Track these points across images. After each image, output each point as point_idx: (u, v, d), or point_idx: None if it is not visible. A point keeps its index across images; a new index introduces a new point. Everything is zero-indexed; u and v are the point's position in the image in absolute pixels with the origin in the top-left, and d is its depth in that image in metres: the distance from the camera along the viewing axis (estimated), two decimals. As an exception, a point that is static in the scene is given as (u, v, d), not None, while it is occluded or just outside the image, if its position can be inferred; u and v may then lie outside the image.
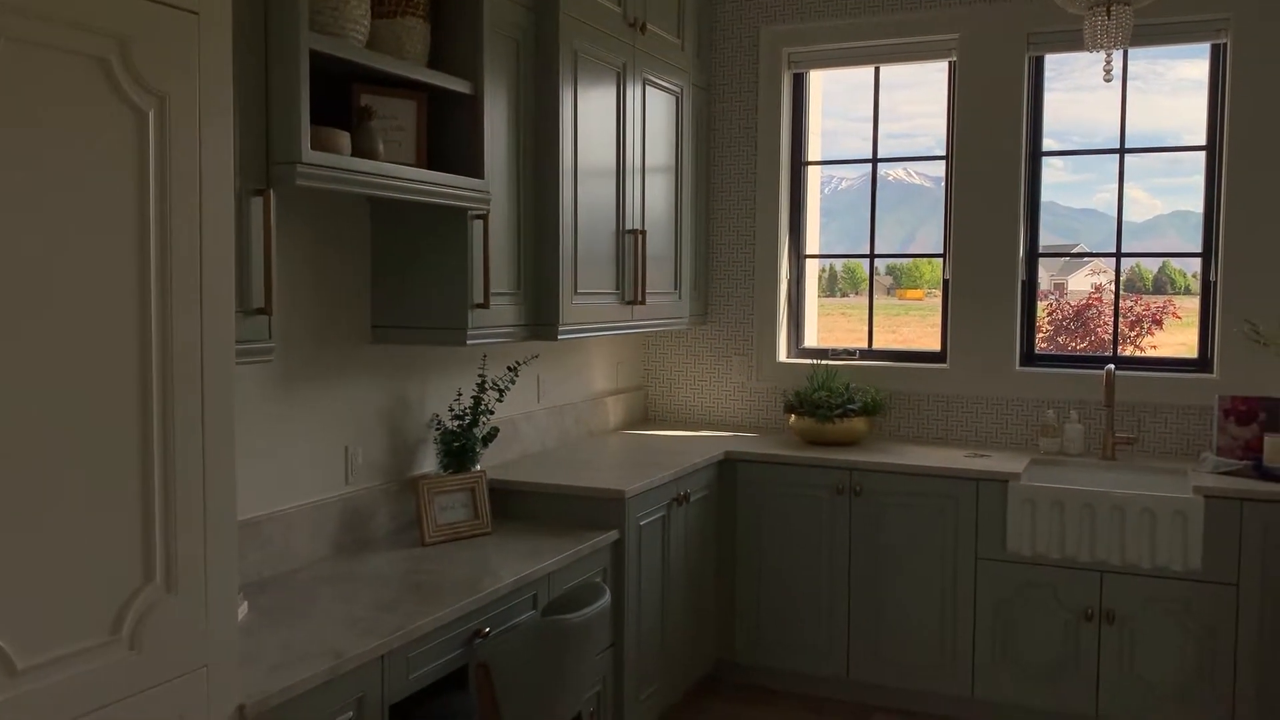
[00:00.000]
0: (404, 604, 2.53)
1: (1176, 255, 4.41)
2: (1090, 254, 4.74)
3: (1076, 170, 4.31)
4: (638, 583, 3.48)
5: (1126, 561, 3.61)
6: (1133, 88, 4.19)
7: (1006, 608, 3.79)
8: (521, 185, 3.30)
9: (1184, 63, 4.26)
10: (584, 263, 3.57)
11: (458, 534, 3.14)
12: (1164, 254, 4.55)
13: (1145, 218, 4.25)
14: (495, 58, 3.05)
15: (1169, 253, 4.49)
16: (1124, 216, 4.26)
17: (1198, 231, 4.20)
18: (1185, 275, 4.67)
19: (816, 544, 4.05)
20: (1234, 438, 3.86)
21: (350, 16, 2.50)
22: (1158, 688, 3.61)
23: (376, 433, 3.21)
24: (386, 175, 2.58)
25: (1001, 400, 4.36)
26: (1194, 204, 4.19)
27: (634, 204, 3.91)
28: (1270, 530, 3.46)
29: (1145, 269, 4.93)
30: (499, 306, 3.18)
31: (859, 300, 5.13)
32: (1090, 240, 4.51)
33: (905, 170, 4.66)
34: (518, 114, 3.25)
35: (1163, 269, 5.89)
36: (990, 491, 3.78)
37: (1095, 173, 4.29)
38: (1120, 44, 3.00)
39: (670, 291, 4.29)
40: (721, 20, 4.73)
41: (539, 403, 4.10)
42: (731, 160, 4.75)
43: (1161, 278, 6.05)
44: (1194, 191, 4.18)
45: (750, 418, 4.79)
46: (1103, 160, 4.36)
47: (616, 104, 3.76)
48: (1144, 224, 4.30)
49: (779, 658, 4.15)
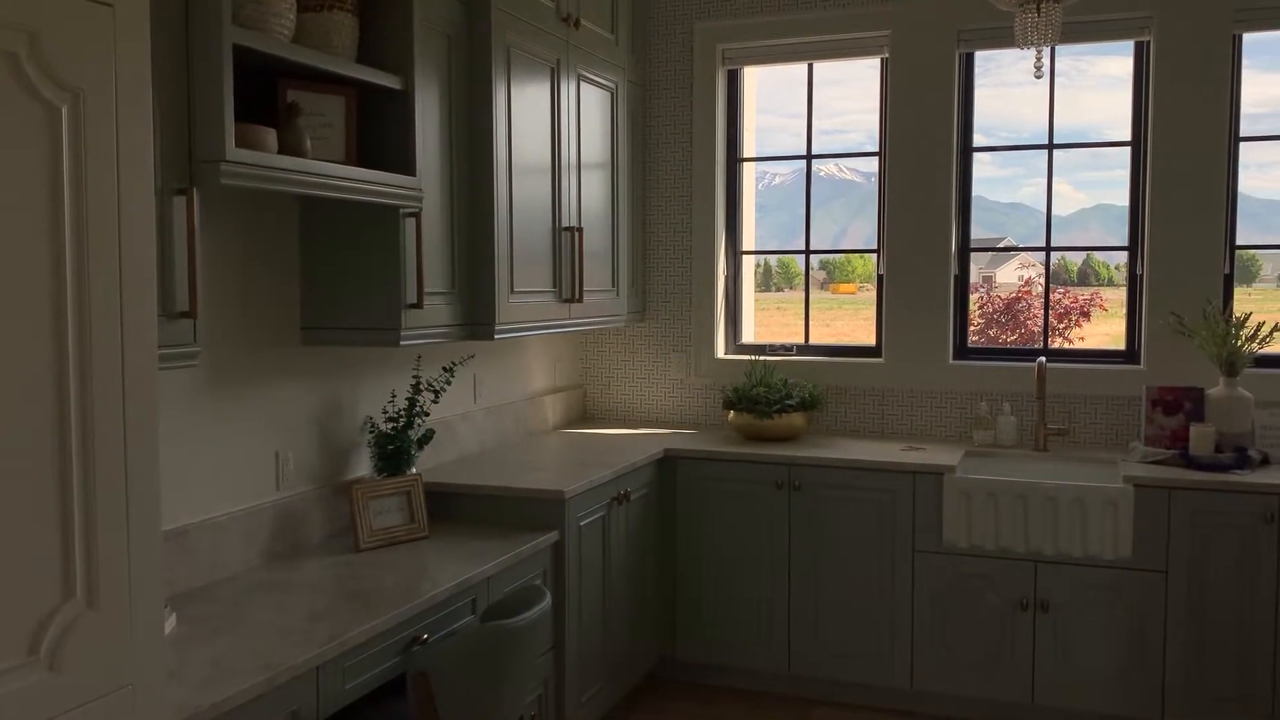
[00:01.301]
0: (339, 612, 2.47)
1: (1104, 249, 4.50)
2: (1020, 248, 4.82)
3: (1003, 165, 4.38)
4: (578, 584, 3.45)
5: (1059, 551, 3.67)
6: (1058, 84, 4.26)
7: (943, 599, 3.83)
8: (455, 182, 3.25)
9: (1106, 59, 4.35)
10: (520, 261, 3.53)
11: (394, 539, 3.08)
12: (1092, 248, 4.63)
13: (1069, 211, 4.34)
14: (426, 53, 2.99)
15: (1097, 246, 4.58)
16: (1053, 211, 4.34)
17: (1120, 224, 4.29)
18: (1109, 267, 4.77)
19: (757, 540, 4.06)
20: (1161, 427, 3.95)
21: (275, 10, 2.43)
22: (1090, 674, 3.67)
23: (308, 437, 3.13)
24: (314, 173, 2.52)
25: (936, 393, 4.41)
26: (1116, 198, 4.28)
27: (570, 201, 3.87)
28: (1197, 517, 3.54)
29: (1070, 261, 5.02)
30: (433, 306, 3.13)
31: (794, 295, 5.15)
32: (1017, 234, 4.58)
33: (837, 166, 4.69)
34: (450, 110, 3.20)
35: (1087, 261, 6.00)
36: (926, 484, 3.82)
37: (1022, 168, 4.37)
38: (1050, 40, 3.04)
39: (608, 289, 4.26)
40: (656, 16, 4.71)
41: (476, 403, 4.05)
42: (668, 157, 4.74)
43: (1086, 270, 6.16)
44: (1116, 185, 4.27)
45: (689, 414, 4.78)
46: (1028, 155, 4.43)
47: (551, 100, 3.72)
48: (1068, 217, 4.38)
49: (721, 654, 4.15)
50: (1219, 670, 3.54)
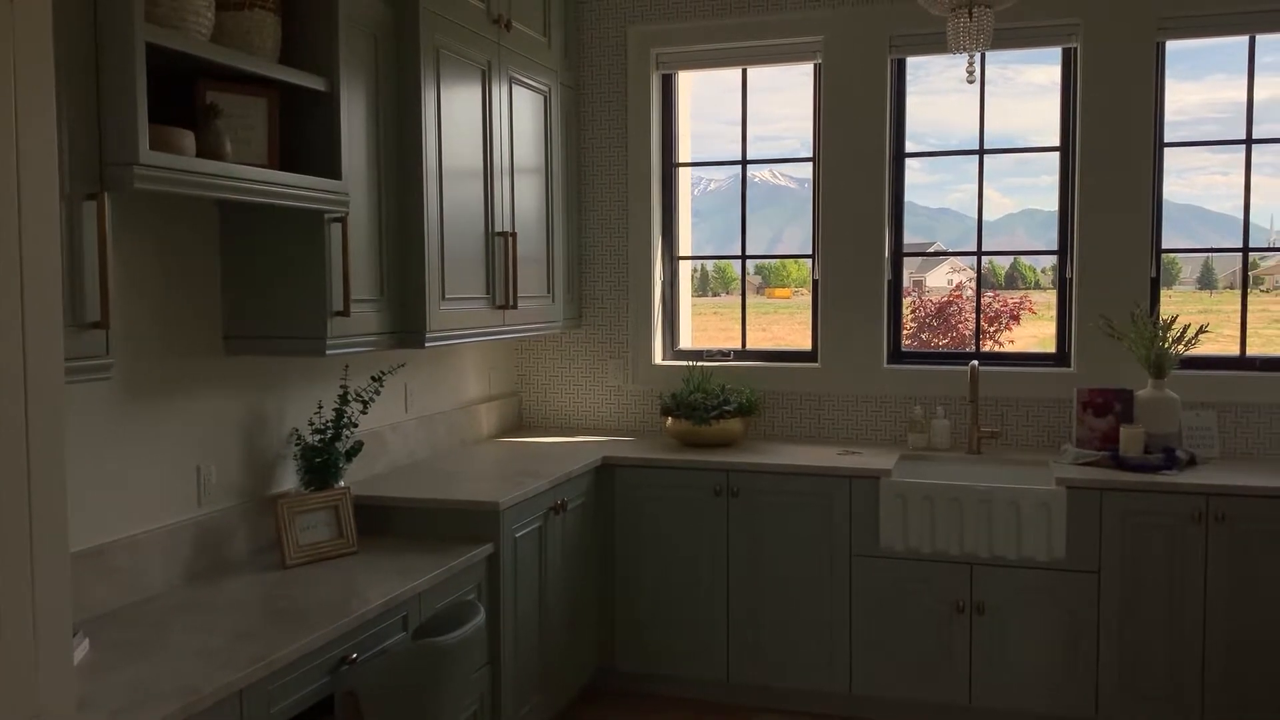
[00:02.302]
0: (264, 632, 2.38)
1: (1035, 253, 4.56)
2: (952, 253, 4.86)
3: (931, 171, 4.43)
4: (514, 597, 3.39)
5: (994, 553, 3.69)
6: (986, 91, 4.32)
7: (881, 603, 3.84)
8: (383, 186, 3.17)
9: (1032, 68, 4.42)
10: (452, 266, 3.45)
11: (321, 554, 2.99)
12: (1023, 252, 4.69)
13: (996, 216, 4.42)
14: (352, 54, 2.91)
15: (1028, 250, 4.63)
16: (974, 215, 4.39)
17: (1045, 229, 4.35)
18: (1035, 270, 4.85)
19: (695, 547, 4.02)
20: (1092, 429, 4.00)
21: (192, 8, 2.34)
22: (1026, 675, 3.70)
23: (231, 450, 3.03)
24: (234, 177, 2.43)
25: (871, 398, 4.42)
26: (1041, 202, 4.36)
27: (503, 205, 3.81)
28: (1128, 518, 3.58)
29: (998, 265, 5.09)
30: (361, 314, 3.04)
31: (731, 299, 5.16)
32: (946, 238, 4.64)
33: (772, 172, 4.70)
34: (378, 112, 3.12)
35: (1014, 265, 6.09)
36: (863, 489, 3.82)
37: (950, 173, 4.44)
38: (982, 46, 3.06)
39: (543, 295, 4.20)
40: (588, 19, 4.66)
41: (407, 412, 3.96)
42: (602, 161, 4.70)
43: (1013, 273, 6.25)
44: (1041, 190, 4.34)
45: (627, 421, 4.74)
46: (956, 161, 4.48)
47: (482, 102, 3.65)
48: (996, 222, 4.45)
49: (660, 663, 4.11)
50: (1150, 668, 3.59)
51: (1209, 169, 4.17)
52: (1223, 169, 4.20)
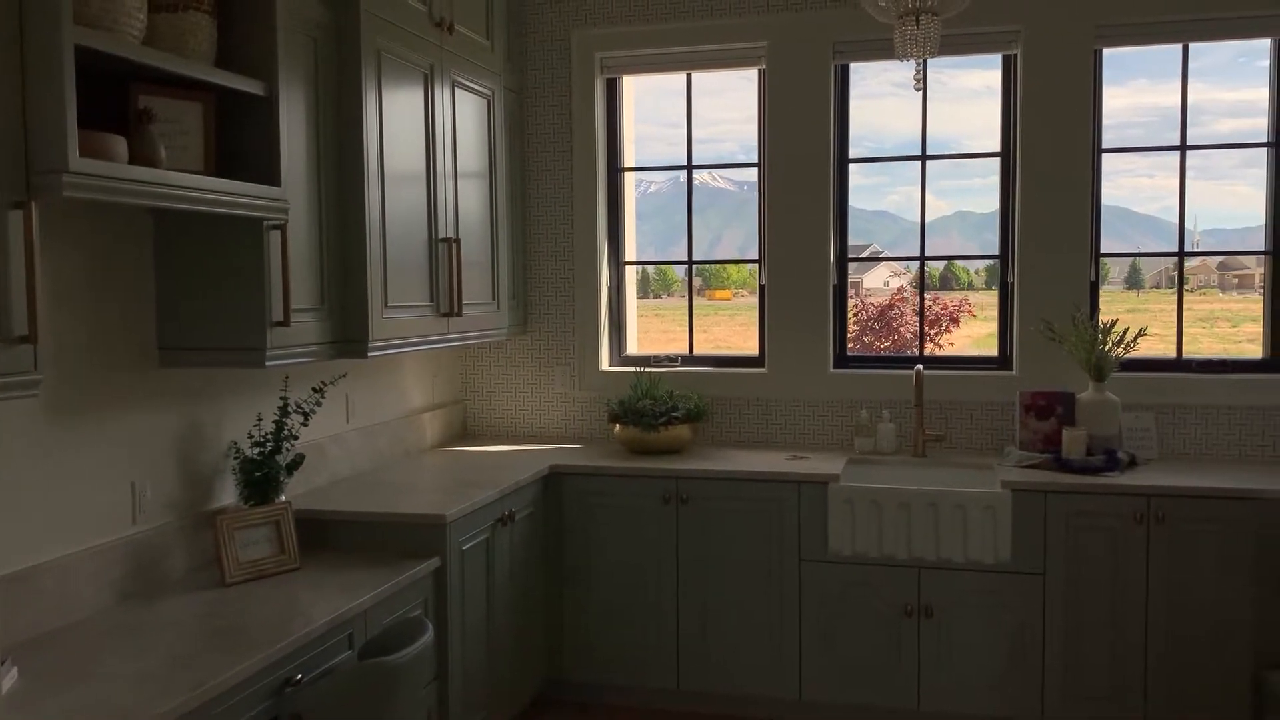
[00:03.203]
0: (204, 655, 2.30)
1: (978, 258, 4.59)
2: (897, 257, 4.90)
3: (868, 174, 4.46)
4: (461, 610, 3.32)
5: (941, 557, 3.71)
6: (917, 95, 4.37)
7: (830, 608, 3.84)
8: (324, 193, 3.09)
9: (965, 73, 4.47)
10: (395, 274, 3.38)
11: (262, 572, 2.90)
12: (967, 256, 4.73)
13: (931, 218, 4.44)
14: (291, 57, 2.83)
15: (971, 255, 4.67)
16: (911, 218, 4.44)
17: (978, 231, 4.41)
18: (969, 272, 4.92)
19: (644, 555, 3.99)
20: (1035, 431, 4.04)
21: (124, 10, 2.25)
22: (973, 677, 3.73)
23: (167, 465, 2.93)
24: (169, 184, 2.34)
25: (818, 402, 4.43)
26: (975, 204, 4.42)
27: (447, 211, 3.74)
28: (1071, 519, 3.63)
29: (932, 267, 5.14)
30: (301, 324, 2.96)
31: (671, 301, 5.15)
32: (882, 240, 4.68)
33: (710, 174, 4.69)
34: (317, 117, 3.04)
35: (948, 267, 6.17)
36: (811, 494, 3.82)
37: (886, 176, 4.48)
38: (929, 53, 3.07)
39: (488, 302, 4.14)
40: (532, 23, 4.61)
41: (348, 423, 3.88)
42: (547, 166, 4.65)
43: (947, 274, 6.33)
44: (975, 193, 4.41)
45: (574, 429, 4.70)
46: (892, 165, 4.51)
47: (425, 106, 3.58)
48: (930, 224, 4.48)
49: (609, 673, 4.07)
50: (1094, 668, 3.64)
51: (1135, 171, 4.26)
52: (1149, 171, 4.29)
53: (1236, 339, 4.43)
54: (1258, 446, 4.03)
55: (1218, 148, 4.22)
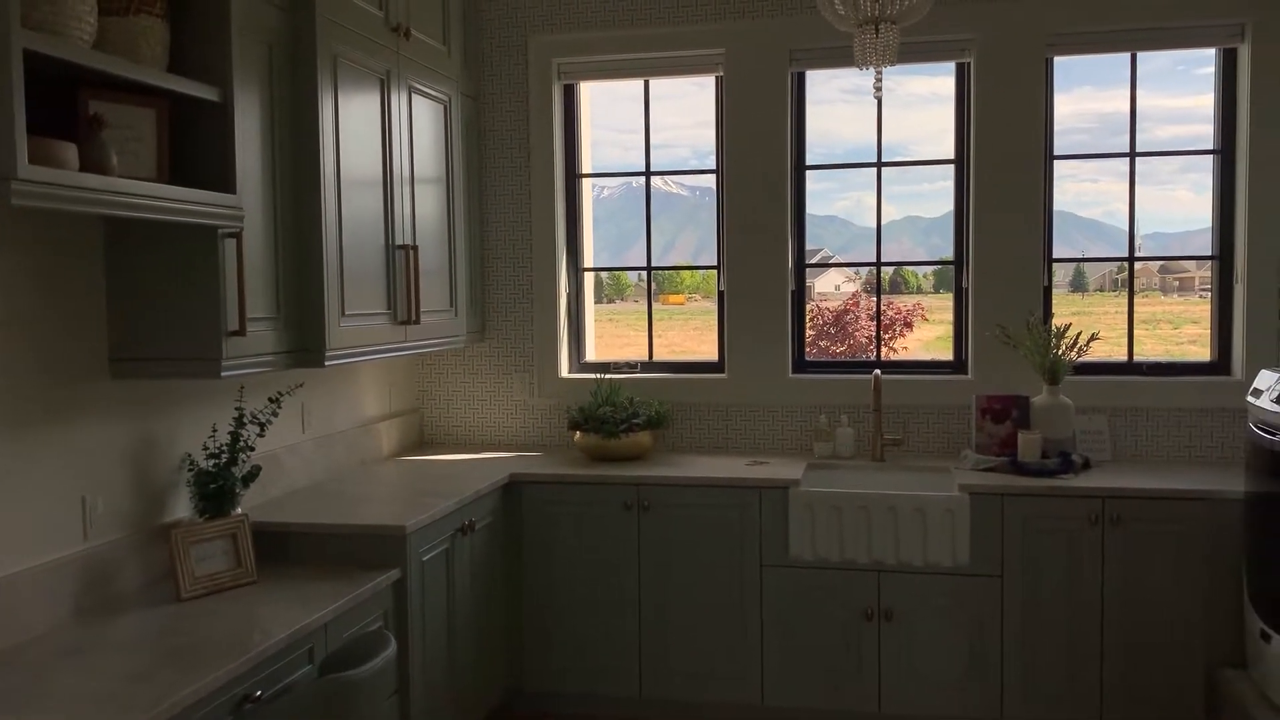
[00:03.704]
0: (160, 672, 2.25)
1: (933, 263, 4.64)
2: (855, 263, 4.93)
3: (817, 180, 4.50)
4: (422, 622, 3.29)
5: (901, 560, 3.74)
6: (868, 101, 4.42)
7: (791, 613, 3.85)
8: (279, 200, 3.04)
9: (913, 79, 4.52)
10: (351, 282, 3.34)
11: (219, 586, 2.85)
12: (923, 262, 4.77)
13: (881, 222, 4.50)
14: (246, 62, 2.79)
15: (928, 261, 4.72)
16: (861, 222, 4.49)
17: (927, 236, 4.46)
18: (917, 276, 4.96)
19: (606, 563, 3.98)
20: (991, 435, 4.09)
21: (73, 13, 2.20)
22: (934, 680, 3.76)
23: (119, 478, 2.87)
24: (121, 192, 2.29)
25: (777, 407, 4.45)
26: (924, 209, 4.47)
27: (404, 218, 3.70)
28: (1028, 522, 3.67)
29: (883, 272, 5.17)
30: (257, 333, 2.91)
31: (625, 306, 5.15)
32: (833, 245, 4.72)
33: (663, 180, 4.70)
34: (273, 123, 2.99)
35: (897, 271, 6.23)
36: (772, 499, 3.83)
37: (836, 182, 4.53)
38: (889, 61, 3.09)
39: (446, 309, 4.10)
40: (489, 28, 4.59)
41: (304, 433, 3.82)
42: (504, 172, 4.62)
43: (897, 279, 6.39)
44: (924, 198, 4.47)
45: (533, 436, 4.67)
46: (842, 170, 4.54)
47: (381, 112, 3.54)
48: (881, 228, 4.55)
49: (571, 682, 4.05)
50: (1051, 668, 3.68)
51: (1078, 177, 4.33)
52: (1092, 176, 4.36)
53: (1178, 340, 4.52)
54: (1207, 447, 4.11)
55: (1167, 154, 4.31)
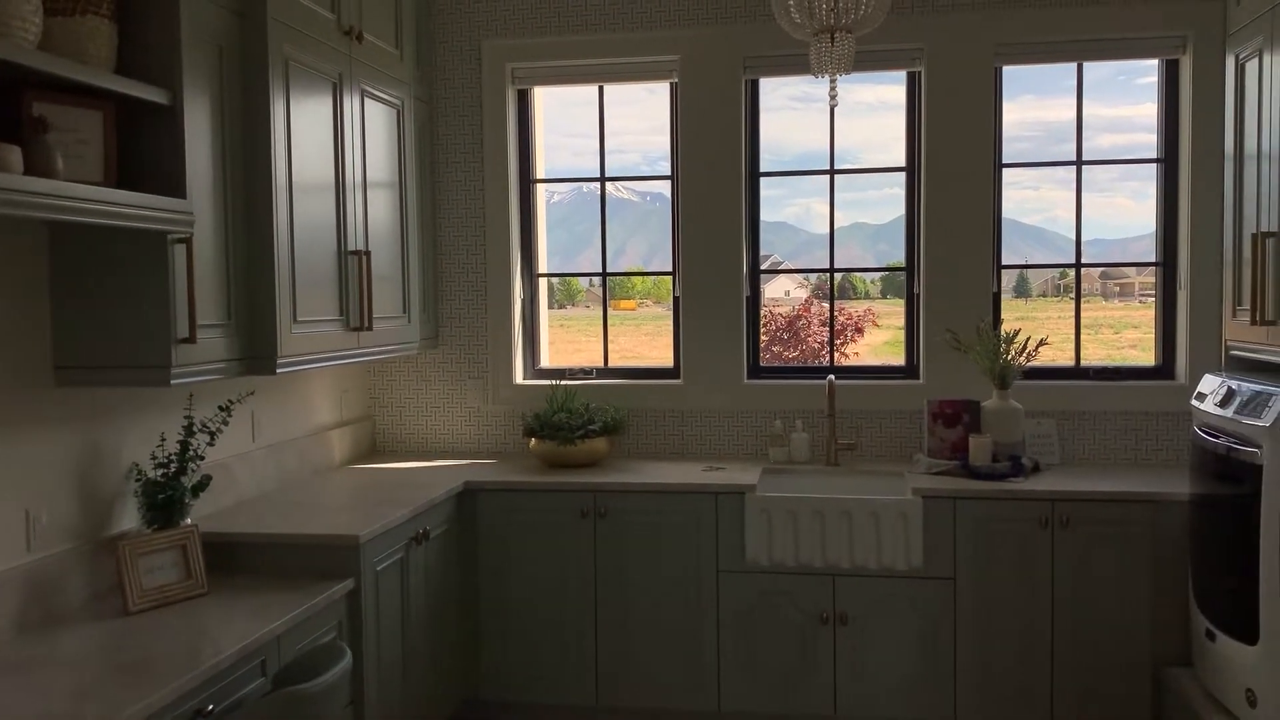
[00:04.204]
0: (108, 689, 2.19)
1: (886, 269, 4.69)
2: (808, 269, 4.97)
3: (768, 186, 4.54)
4: (377, 633, 3.24)
5: (856, 564, 3.76)
6: (815, 109, 4.47)
7: (747, 618, 3.86)
8: (230, 204, 2.99)
9: (861, 87, 4.57)
10: (303, 287, 3.29)
11: (168, 598, 2.79)
12: (875, 269, 4.82)
13: (826, 230, 4.54)
14: (196, 65, 2.74)
15: (879, 267, 4.76)
16: (810, 229, 4.52)
17: (874, 242, 4.52)
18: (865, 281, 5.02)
19: (562, 570, 3.96)
20: (942, 439, 4.13)
21: (16, 13, 2.15)
22: (888, 682, 3.79)
23: (64, 489, 2.80)
24: (67, 196, 2.23)
25: (732, 413, 4.46)
26: (870, 217, 4.53)
27: (356, 223, 3.66)
28: (980, 525, 3.71)
29: (826, 278, 5.23)
30: (207, 340, 2.85)
31: (577, 312, 5.15)
32: (782, 251, 4.76)
33: (614, 185, 4.70)
34: (223, 127, 2.94)
35: (845, 277, 6.30)
36: (729, 504, 3.84)
37: (785, 188, 4.56)
38: (844, 70, 3.12)
39: (399, 315, 4.06)
40: (442, 32, 4.56)
41: (255, 441, 3.76)
42: (458, 177, 4.59)
43: (845, 284, 6.47)
44: (871, 205, 4.53)
45: (488, 443, 4.64)
46: (792, 177, 4.57)
47: (334, 116, 3.50)
48: (825, 235, 4.59)
49: (527, 691, 4.02)
50: (1003, 669, 3.73)
51: (1021, 184, 4.41)
52: (1034, 184, 4.44)
53: (1119, 345, 4.62)
54: (1152, 450, 4.19)
55: (1112, 163, 4.39)
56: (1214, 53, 4.00)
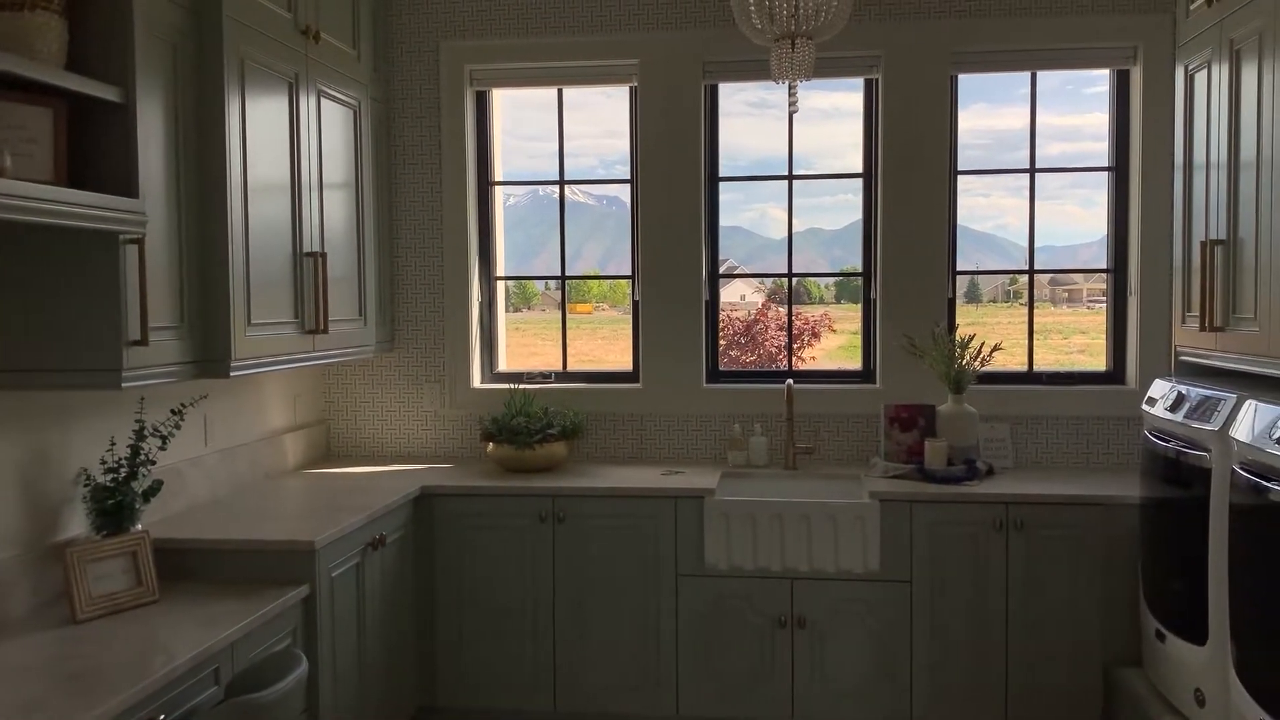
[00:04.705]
0: (55, 700, 2.14)
1: (842, 275, 4.73)
2: (765, 274, 4.98)
3: (723, 191, 4.55)
4: (332, 640, 3.20)
5: (814, 567, 3.78)
6: (770, 115, 4.49)
7: (706, 622, 3.86)
8: (183, 205, 2.94)
9: (815, 94, 4.60)
10: (258, 290, 3.24)
11: (118, 606, 2.73)
12: (831, 274, 4.86)
13: (782, 235, 4.58)
14: (149, 63, 2.69)
15: (837, 272, 4.80)
16: (765, 234, 4.55)
17: (829, 248, 4.56)
18: (820, 286, 5.05)
19: (520, 576, 3.94)
20: (899, 443, 4.17)
21: (-39, 6, 2.09)
22: (846, 686, 3.81)
23: (9, 495, 2.73)
24: (14, 195, 2.17)
25: (691, 417, 4.46)
26: (824, 222, 4.56)
27: (312, 224, 3.61)
28: (935, 528, 3.75)
29: (781, 282, 5.27)
30: (160, 342, 2.80)
31: (532, 315, 5.13)
32: (737, 256, 4.78)
33: (569, 189, 4.70)
34: (177, 126, 2.89)
35: (799, 282, 6.35)
36: (688, 508, 3.84)
37: (740, 193, 4.59)
38: (805, 75, 3.14)
39: (355, 318, 4.02)
40: (400, 33, 4.52)
41: (207, 446, 3.70)
42: (415, 179, 4.55)
43: (800, 289, 6.53)
44: (824, 211, 4.56)
45: (445, 448, 4.60)
46: (747, 183, 4.58)
47: (290, 116, 3.46)
48: (781, 240, 4.62)
49: (485, 697, 3.99)
50: (958, 670, 3.77)
51: (972, 191, 4.46)
52: (984, 191, 4.49)
53: (1068, 350, 4.68)
54: (1103, 454, 4.26)
55: (1065, 171, 4.46)
56: (1164, 63, 4.08)
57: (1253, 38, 3.01)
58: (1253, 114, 3.00)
